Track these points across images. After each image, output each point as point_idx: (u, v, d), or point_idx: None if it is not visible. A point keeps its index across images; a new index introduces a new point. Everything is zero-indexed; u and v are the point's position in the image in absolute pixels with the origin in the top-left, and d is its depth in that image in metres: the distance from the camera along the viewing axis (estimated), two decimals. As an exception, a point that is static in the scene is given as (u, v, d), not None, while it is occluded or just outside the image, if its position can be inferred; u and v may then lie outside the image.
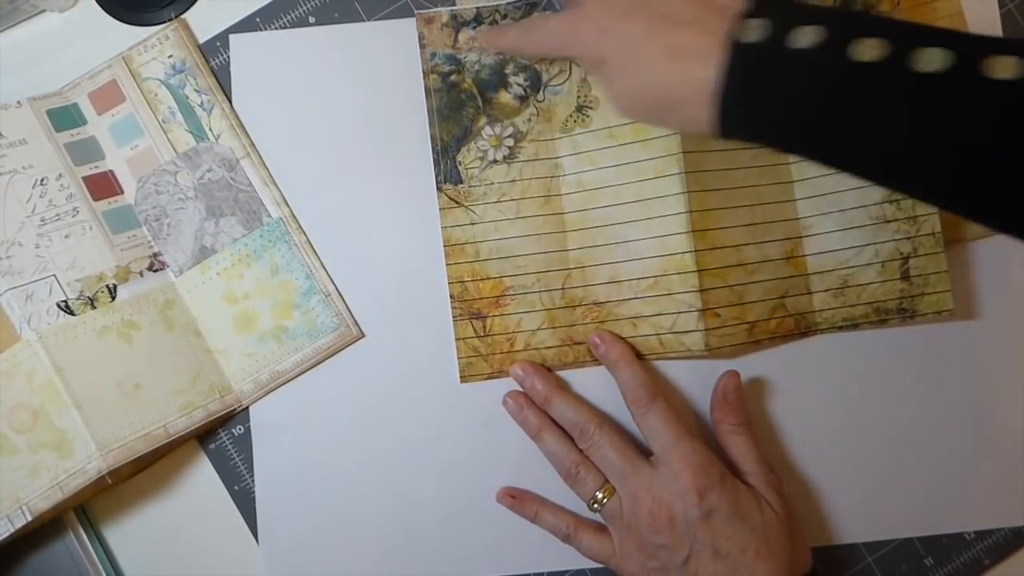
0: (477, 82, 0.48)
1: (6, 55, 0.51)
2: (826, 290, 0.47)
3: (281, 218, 0.49)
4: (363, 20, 0.50)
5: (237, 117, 0.49)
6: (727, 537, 0.42)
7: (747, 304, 0.47)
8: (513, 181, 0.48)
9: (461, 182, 0.48)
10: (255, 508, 0.48)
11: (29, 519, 0.44)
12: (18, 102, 0.48)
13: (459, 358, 0.48)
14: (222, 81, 0.50)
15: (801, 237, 0.47)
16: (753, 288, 0.47)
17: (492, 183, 0.48)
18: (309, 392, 0.49)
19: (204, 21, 0.50)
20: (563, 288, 0.48)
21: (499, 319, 0.48)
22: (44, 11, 0.51)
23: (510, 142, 0.48)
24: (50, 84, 0.49)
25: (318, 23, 0.50)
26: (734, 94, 0.35)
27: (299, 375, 0.49)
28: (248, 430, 0.49)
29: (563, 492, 0.47)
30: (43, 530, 0.47)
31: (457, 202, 0.48)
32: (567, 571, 0.48)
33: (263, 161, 0.49)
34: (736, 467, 0.45)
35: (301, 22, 0.50)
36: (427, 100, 0.48)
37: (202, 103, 0.49)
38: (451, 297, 0.48)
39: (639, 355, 0.47)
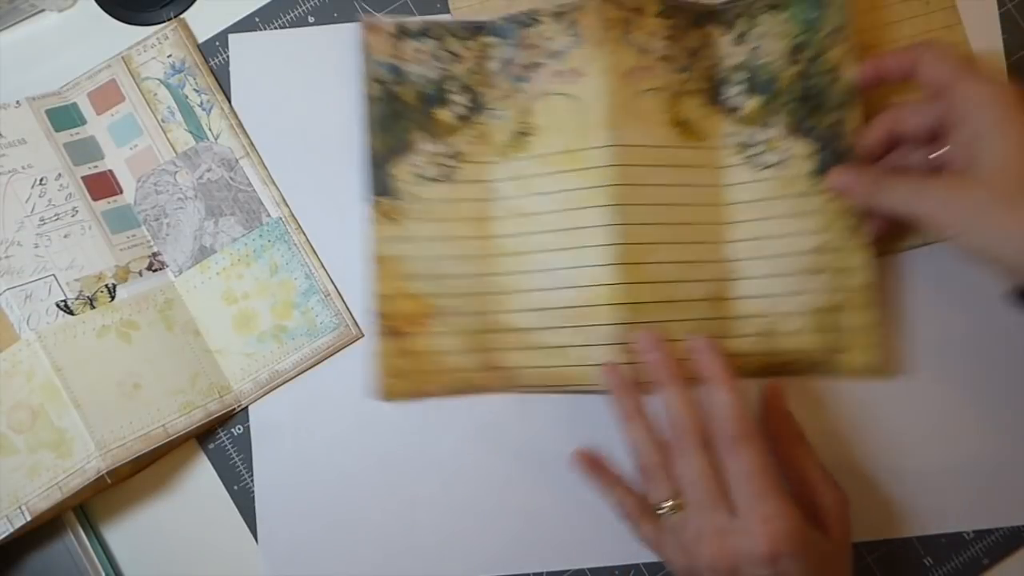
0: (418, 96, 0.47)
1: (5, 54, 0.51)
2: (749, 335, 0.46)
3: (280, 218, 0.49)
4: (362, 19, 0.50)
5: (236, 117, 0.49)
6: None
7: (668, 342, 0.45)
8: (447, 201, 0.47)
9: (395, 196, 0.47)
10: (255, 508, 0.48)
11: (28, 519, 0.44)
12: (17, 102, 0.48)
13: (379, 375, 0.47)
14: (221, 81, 0.50)
15: (730, 279, 0.47)
16: (676, 326, 0.46)
17: (426, 200, 0.47)
18: (308, 392, 0.49)
19: (203, 21, 0.50)
20: (488, 312, 0.47)
21: (422, 338, 0.47)
22: (43, 10, 0.51)
23: (447, 161, 0.47)
24: (49, 84, 0.49)
25: (317, 23, 0.50)
26: None
27: (299, 375, 0.49)
28: (247, 430, 0.49)
29: (565, 492, 0.47)
30: (42, 530, 0.47)
31: (390, 216, 0.47)
32: (566, 571, 0.48)
33: (262, 161, 0.49)
34: (800, 483, 0.44)
35: (300, 22, 0.50)
36: (365, 108, 0.47)
37: (201, 103, 0.49)
38: (376, 313, 0.47)
39: (555, 385, 0.46)
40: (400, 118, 0.47)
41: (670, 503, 0.42)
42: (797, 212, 0.46)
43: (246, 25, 0.50)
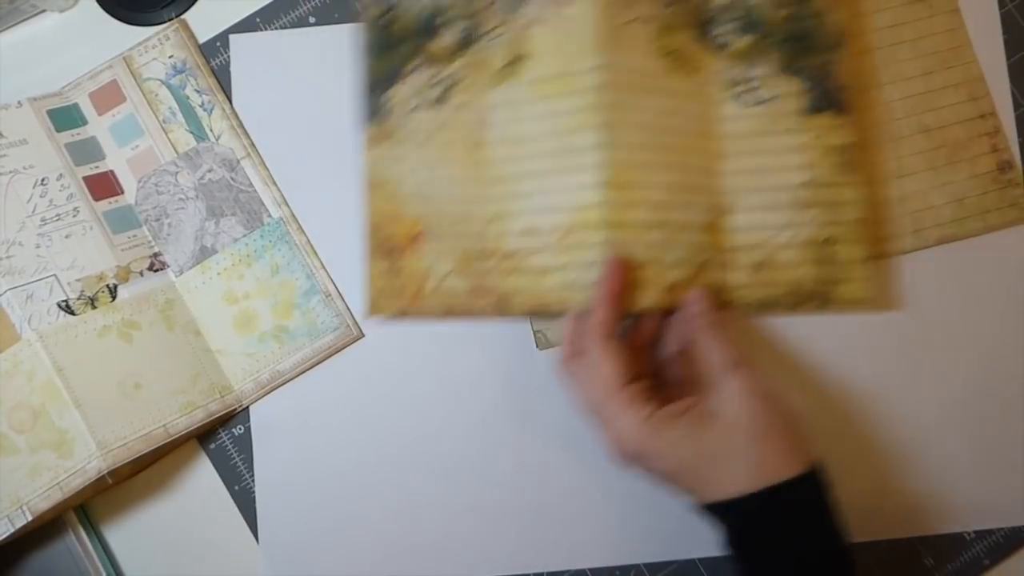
0: (415, 23, 0.48)
1: (6, 55, 0.51)
2: (744, 267, 0.47)
3: (281, 218, 0.49)
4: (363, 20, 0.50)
5: (237, 117, 0.50)
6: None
7: (660, 266, 0.46)
8: (441, 125, 0.48)
9: (389, 121, 0.48)
10: (255, 508, 0.49)
11: (29, 519, 0.44)
12: (19, 102, 0.48)
13: (370, 290, 0.47)
14: (222, 81, 0.50)
15: (725, 210, 0.47)
16: (670, 251, 0.46)
17: (420, 125, 0.48)
18: (309, 392, 0.49)
19: (204, 21, 0.50)
20: (478, 236, 0.48)
21: (413, 260, 0.47)
22: (44, 11, 0.51)
23: (441, 87, 0.48)
24: (51, 84, 0.49)
25: (318, 23, 0.50)
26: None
27: (299, 375, 0.49)
28: (248, 430, 0.49)
29: (565, 492, 0.47)
30: (43, 530, 0.47)
31: (383, 140, 0.48)
32: (567, 571, 0.48)
33: (263, 161, 0.49)
34: (702, 364, 0.44)
35: (301, 22, 0.50)
36: (362, 33, 0.48)
37: (202, 103, 0.49)
38: (367, 233, 0.47)
39: (543, 306, 0.46)
40: (396, 45, 0.48)
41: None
42: (787, 148, 0.47)
43: (247, 25, 0.50)
